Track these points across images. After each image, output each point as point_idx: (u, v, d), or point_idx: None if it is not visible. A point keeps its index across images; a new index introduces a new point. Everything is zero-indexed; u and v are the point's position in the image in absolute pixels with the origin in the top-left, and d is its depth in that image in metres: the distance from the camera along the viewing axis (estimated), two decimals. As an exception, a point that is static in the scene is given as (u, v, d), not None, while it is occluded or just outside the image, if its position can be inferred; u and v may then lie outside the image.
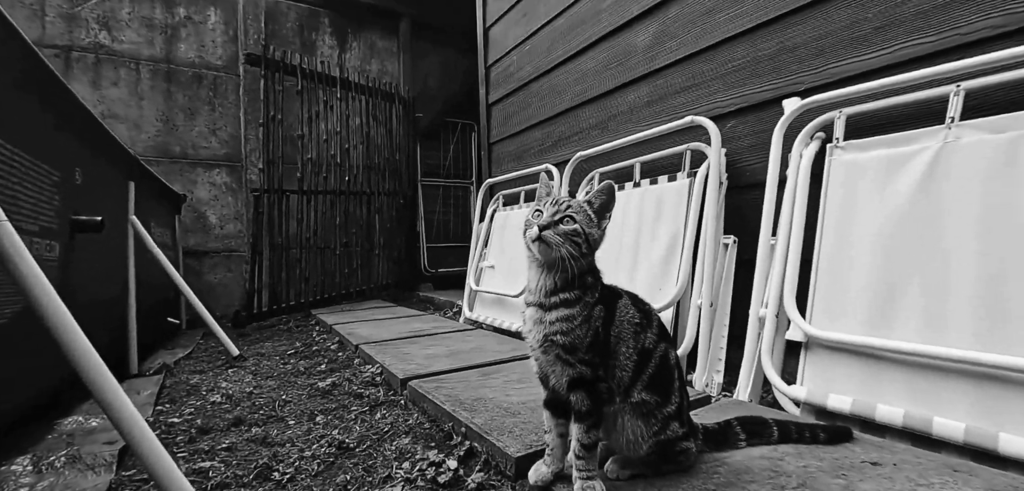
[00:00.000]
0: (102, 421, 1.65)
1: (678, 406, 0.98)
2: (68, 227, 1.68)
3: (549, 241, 0.91)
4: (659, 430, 0.95)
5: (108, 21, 3.95)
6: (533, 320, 0.95)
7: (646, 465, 0.99)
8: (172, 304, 3.43)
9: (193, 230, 4.22)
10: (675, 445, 0.97)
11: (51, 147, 1.54)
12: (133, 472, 1.32)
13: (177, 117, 4.19)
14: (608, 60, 2.51)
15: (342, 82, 4.25)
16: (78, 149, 1.79)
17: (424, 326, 2.84)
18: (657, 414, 0.95)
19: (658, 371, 0.96)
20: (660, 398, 0.96)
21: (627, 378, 0.95)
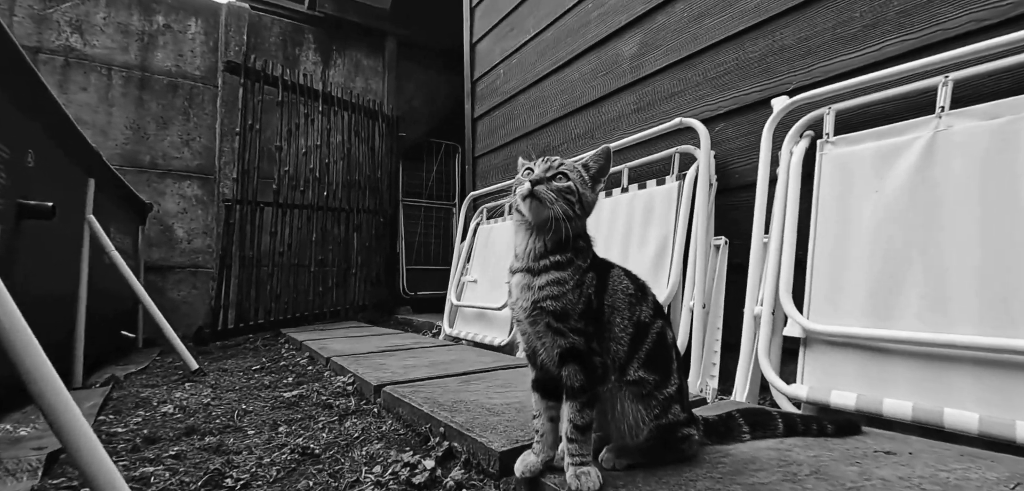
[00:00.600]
0: (33, 430, 1.49)
1: (678, 388, 0.91)
2: (14, 210, 1.55)
3: (542, 197, 0.85)
4: (660, 413, 0.87)
5: (81, 24, 3.86)
6: (520, 286, 0.88)
7: (645, 453, 0.90)
8: (128, 317, 3.23)
9: (158, 244, 4.04)
10: (676, 430, 0.89)
11: (1, 120, 1.43)
12: (62, 480, 1.17)
13: (149, 126, 4.06)
14: (595, 70, 2.52)
15: (324, 96, 4.21)
16: (33, 130, 1.68)
17: (402, 342, 2.72)
18: (657, 395, 0.87)
19: (655, 348, 0.89)
20: (659, 377, 0.88)
21: (623, 353, 0.87)
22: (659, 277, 1.79)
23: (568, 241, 0.86)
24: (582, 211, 0.88)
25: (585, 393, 0.83)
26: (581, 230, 0.90)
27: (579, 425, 0.83)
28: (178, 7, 4.23)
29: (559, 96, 2.74)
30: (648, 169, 2.11)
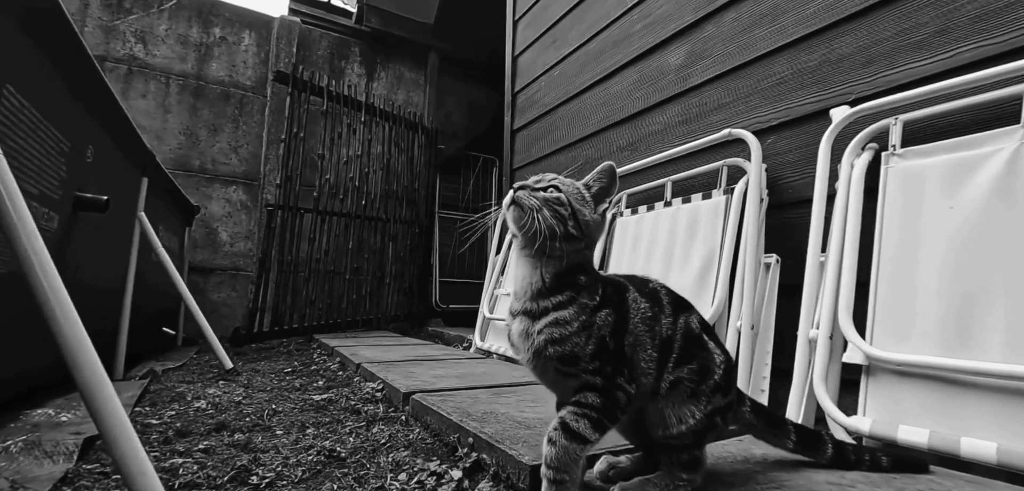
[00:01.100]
0: (73, 416, 1.55)
1: (724, 374, 0.84)
2: (71, 202, 1.64)
3: (522, 202, 0.78)
4: (706, 406, 0.81)
5: (145, 35, 4.13)
6: (520, 334, 0.81)
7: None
8: (170, 315, 3.36)
9: (202, 245, 4.22)
10: (717, 415, 0.83)
11: (64, 114, 1.52)
12: (95, 465, 1.20)
13: (200, 132, 4.28)
14: (639, 81, 2.48)
15: (367, 107, 4.33)
16: (93, 126, 1.78)
17: (432, 353, 2.71)
18: (701, 391, 0.81)
19: (683, 352, 0.82)
20: (696, 377, 0.82)
21: (651, 381, 0.81)
22: (703, 295, 1.71)
23: (570, 273, 0.80)
24: (579, 232, 0.81)
25: (598, 416, 0.76)
26: (582, 260, 0.83)
27: (571, 429, 0.74)
28: (234, 19, 4.47)
29: (600, 108, 2.70)
30: (693, 182, 2.04)
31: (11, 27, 1.13)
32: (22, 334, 1.46)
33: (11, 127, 1.20)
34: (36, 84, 1.32)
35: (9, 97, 1.18)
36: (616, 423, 0.80)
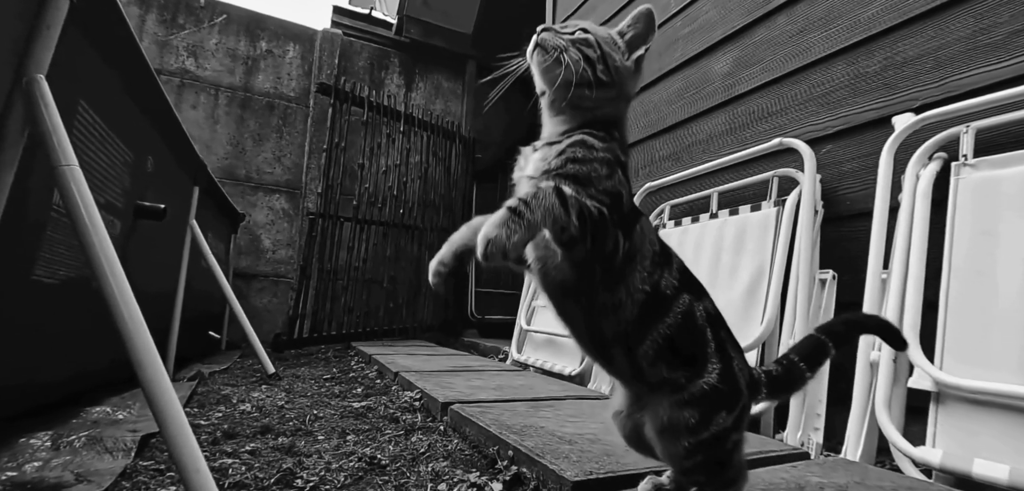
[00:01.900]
0: (128, 414, 1.65)
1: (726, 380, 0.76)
2: (132, 210, 1.76)
3: (547, 43, 0.75)
4: (698, 426, 0.73)
5: (196, 50, 4.39)
6: (536, 161, 0.75)
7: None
8: (215, 319, 3.53)
9: (246, 252, 4.42)
10: (724, 442, 0.74)
11: (128, 127, 1.64)
12: (151, 462, 1.28)
13: (246, 142, 4.50)
14: (683, 89, 2.45)
15: (406, 117, 4.45)
16: (153, 138, 1.91)
17: (468, 364, 2.73)
18: (692, 404, 0.74)
19: (682, 331, 0.75)
20: (689, 373, 0.74)
21: (631, 317, 0.73)
22: (752, 312, 1.66)
23: (596, 123, 0.74)
24: (610, 78, 0.76)
25: (585, 215, 0.66)
26: (615, 115, 0.78)
27: (563, 194, 0.66)
28: (280, 33, 4.69)
29: (642, 118, 2.68)
30: (741, 193, 1.99)
31: (86, 49, 1.23)
32: (83, 335, 1.57)
33: (84, 140, 1.30)
34: (105, 100, 1.43)
35: (83, 112, 1.28)
36: (589, 250, 0.70)
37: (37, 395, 1.44)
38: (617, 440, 0.90)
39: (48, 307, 1.34)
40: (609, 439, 1.24)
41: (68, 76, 1.11)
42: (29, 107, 1.00)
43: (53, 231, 1.27)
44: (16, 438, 1.26)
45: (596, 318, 0.76)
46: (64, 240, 1.32)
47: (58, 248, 1.31)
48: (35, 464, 1.17)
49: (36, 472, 1.14)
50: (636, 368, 0.77)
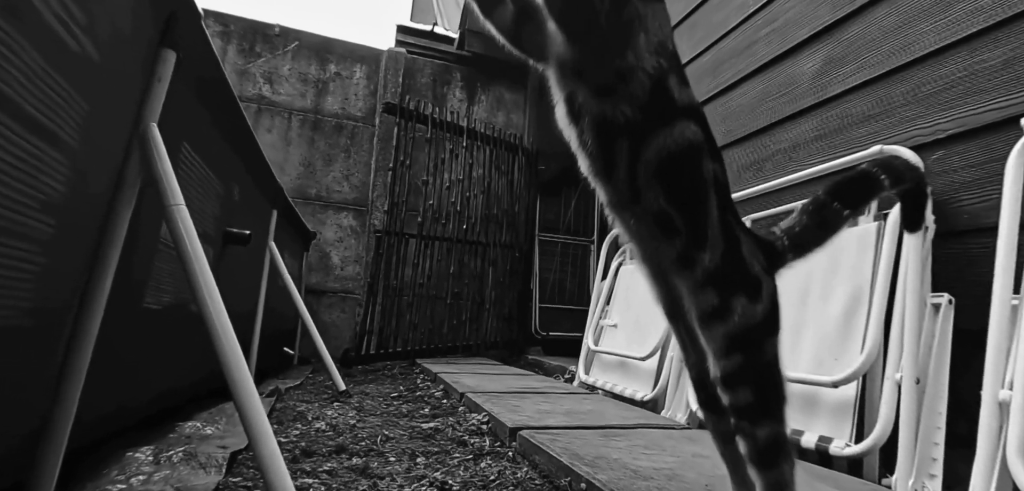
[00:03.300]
0: (215, 429, 1.81)
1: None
2: (221, 237, 1.94)
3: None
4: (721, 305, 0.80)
5: (272, 76, 4.76)
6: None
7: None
8: (287, 336, 3.78)
9: (316, 269, 4.71)
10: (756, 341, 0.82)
11: (219, 160, 1.82)
12: (239, 479, 1.40)
13: (317, 162, 4.81)
14: (764, 93, 2.35)
15: (468, 132, 4.58)
16: (239, 169, 2.10)
17: (535, 385, 2.75)
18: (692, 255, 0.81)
19: (677, 168, 0.82)
20: (687, 222, 0.81)
21: (637, 94, 0.81)
22: (850, 339, 1.56)
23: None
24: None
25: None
26: None
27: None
28: (347, 56, 4.99)
29: (719, 125, 2.60)
30: (834, 207, 1.88)
31: (188, 95, 1.39)
32: (178, 354, 1.75)
33: (185, 177, 1.46)
34: (202, 138, 1.60)
35: (186, 152, 1.44)
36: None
37: (141, 410, 1.62)
38: (696, 478, 0.89)
39: (154, 330, 1.51)
40: (688, 476, 1.21)
41: (174, 121, 1.26)
42: (144, 153, 1.14)
43: (159, 262, 1.43)
44: (123, 452, 1.42)
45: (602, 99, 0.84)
46: (167, 269, 1.48)
47: (162, 276, 1.47)
48: (140, 477, 1.32)
49: (141, 485, 1.28)
50: (634, 186, 0.83)
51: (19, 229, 0.79)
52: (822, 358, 1.59)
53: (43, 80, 0.77)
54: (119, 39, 1.01)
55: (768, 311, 0.84)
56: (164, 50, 1.21)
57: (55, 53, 0.79)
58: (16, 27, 0.69)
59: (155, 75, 1.19)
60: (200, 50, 1.40)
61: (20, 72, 0.71)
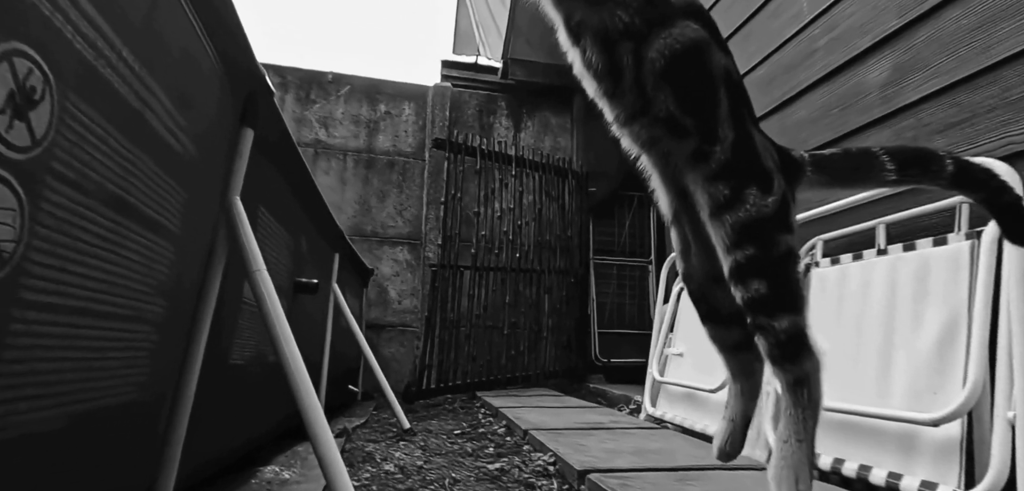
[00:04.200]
0: (293, 474, 1.91)
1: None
2: (292, 288, 2.08)
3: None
4: (730, 197, 0.85)
5: (326, 120, 5.04)
6: None
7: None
8: (352, 372, 3.94)
9: (375, 303, 4.88)
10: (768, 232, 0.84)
11: (289, 216, 1.95)
12: (319, 525, 1.48)
13: (371, 199, 5.03)
14: (827, 105, 2.28)
15: (516, 160, 4.66)
16: (305, 221, 2.24)
17: (599, 418, 2.73)
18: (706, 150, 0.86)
19: (684, 69, 0.85)
20: (698, 123, 0.85)
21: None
22: (949, 373, 1.46)
23: None
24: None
25: None
26: None
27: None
28: (396, 94, 5.22)
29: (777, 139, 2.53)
30: (916, 224, 1.78)
31: (263, 163, 1.51)
32: (256, 403, 1.87)
33: (263, 237, 1.59)
34: (275, 200, 1.73)
35: (263, 215, 1.57)
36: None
37: (226, 459, 1.74)
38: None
39: (238, 383, 1.63)
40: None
41: (251, 189, 1.38)
42: (229, 225, 1.25)
43: (242, 320, 1.55)
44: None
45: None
46: (249, 326, 1.60)
47: (245, 333, 1.59)
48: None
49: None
50: (643, 93, 0.87)
51: (140, 315, 0.89)
52: (919, 392, 1.50)
53: (155, 182, 0.87)
54: (210, 130, 1.12)
55: (780, 205, 0.86)
56: (244, 129, 1.33)
57: (164, 157, 0.90)
58: (137, 142, 0.79)
59: (236, 152, 1.31)
60: (272, 123, 1.52)
61: (139, 180, 0.81)
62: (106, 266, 0.76)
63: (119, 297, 0.82)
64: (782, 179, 0.90)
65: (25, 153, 0.56)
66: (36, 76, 0.56)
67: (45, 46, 0.57)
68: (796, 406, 0.83)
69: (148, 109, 0.81)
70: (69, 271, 0.67)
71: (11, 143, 0.54)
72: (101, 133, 0.70)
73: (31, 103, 0.56)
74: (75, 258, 0.68)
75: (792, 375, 0.82)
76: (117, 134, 0.74)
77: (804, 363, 0.82)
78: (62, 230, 0.65)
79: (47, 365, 0.66)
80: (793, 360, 0.82)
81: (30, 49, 0.54)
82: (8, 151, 0.54)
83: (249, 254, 1.25)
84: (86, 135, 0.66)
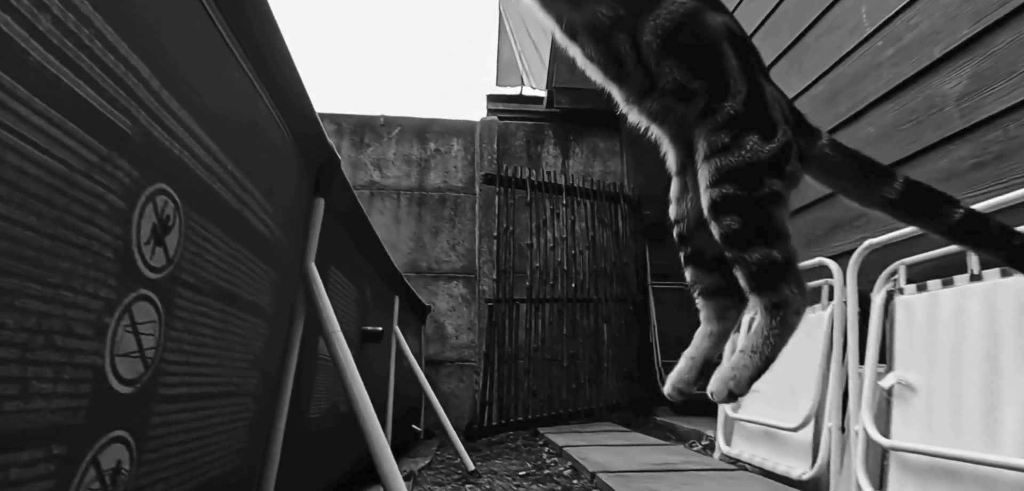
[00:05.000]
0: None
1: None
2: (359, 337, 2.20)
3: None
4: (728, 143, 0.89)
5: (380, 162, 5.29)
6: None
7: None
8: (414, 412, 4.05)
9: (433, 339, 5.01)
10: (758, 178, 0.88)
11: (355, 270, 2.08)
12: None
13: (425, 236, 5.20)
14: (898, 120, 2.19)
15: (567, 189, 4.71)
16: (369, 271, 2.37)
17: (669, 458, 2.69)
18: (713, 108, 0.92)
19: (684, 33, 0.91)
20: (705, 83, 0.92)
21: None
22: (1057, 407, 1.37)
23: None
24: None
25: None
26: None
27: None
28: (444, 132, 5.41)
29: (847, 156, 2.46)
30: (1009, 244, 1.68)
31: (333, 225, 1.63)
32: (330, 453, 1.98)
33: (333, 292, 1.71)
34: (343, 257, 1.85)
35: (334, 274, 1.69)
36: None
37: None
38: None
39: (316, 436, 1.74)
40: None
41: (323, 251, 1.49)
42: (306, 289, 1.37)
43: (318, 375, 1.67)
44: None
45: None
46: (323, 381, 1.72)
47: (320, 388, 1.71)
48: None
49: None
50: (647, 72, 0.92)
51: (240, 388, 1.00)
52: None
53: (251, 268, 0.98)
54: (291, 209, 1.24)
55: (777, 152, 0.90)
56: (317, 199, 1.46)
57: (257, 243, 1.01)
58: (238, 237, 0.90)
59: (310, 222, 1.43)
60: (339, 187, 1.65)
61: (240, 270, 0.92)
62: (217, 352, 0.87)
63: (227, 377, 0.92)
64: (789, 130, 0.95)
65: (161, 272, 0.67)
66: (170, 206, 0.67)
67: (177, 180, 0.67)
68: (766, 326, 0.89)
69: (246, 207, 0.92)
70: (191, 363, 0.78)
71: (153, 266, 0.65)
72: (212, 238, 0.81)
73: (166, 230, 0.66)
74: (195, 350, 0.79)
75: (769, 300, 0.88)
76: (223, 235, 0.84)
77: (782, 290, 0.88)
78: (186, 329, 0.75)
79: (176, 448, 0.76)
80: (770, 288, 0.88)
81: (169, 187, 0.65)
82: (151, 273, 0.64)
83: (325, 317, 1.36)
84: (202, 244, 0.77)
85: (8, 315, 0.43)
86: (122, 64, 0.55)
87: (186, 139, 0.69)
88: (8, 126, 0.42)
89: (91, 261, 0.53)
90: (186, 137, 0.69)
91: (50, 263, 0.47)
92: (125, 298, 0.59)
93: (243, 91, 0.88)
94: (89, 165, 0.51)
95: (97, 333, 0.55)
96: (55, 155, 0.47)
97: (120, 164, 0.56)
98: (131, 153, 0.57)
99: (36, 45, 0.44)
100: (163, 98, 0.63)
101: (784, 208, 0.92)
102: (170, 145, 0.65)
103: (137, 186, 0.59)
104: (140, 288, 0.62)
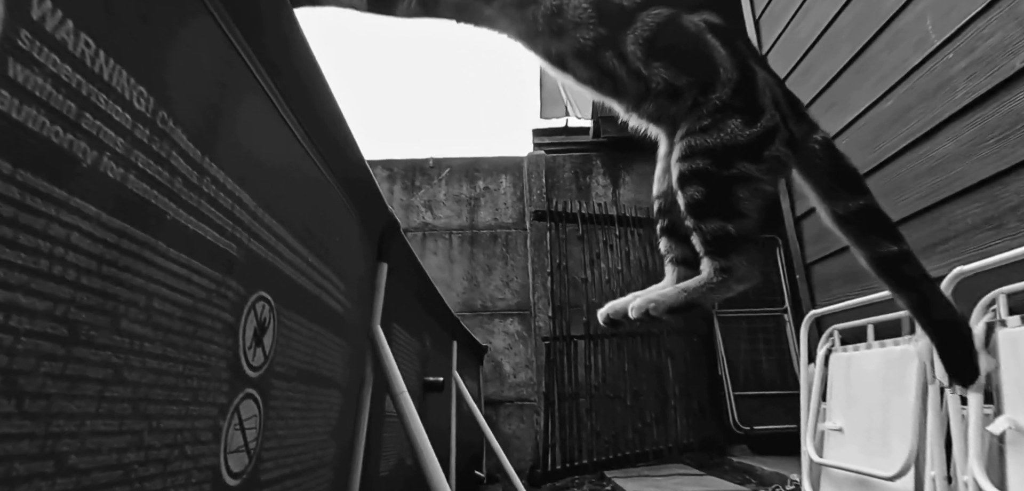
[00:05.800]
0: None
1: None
2: (421, 388, 2.29)
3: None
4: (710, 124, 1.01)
5: (431, 203, 5.47)
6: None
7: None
8: (476, 458, 4.10)
9: (491, 379, 5.08)
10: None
11: (416, 323, 2.18)
12: None
13: (478, 274, 5.31)
14: (981, 134, 2.10)
15: (619, 219, 4.72)
16: (429, 321, 2.47)
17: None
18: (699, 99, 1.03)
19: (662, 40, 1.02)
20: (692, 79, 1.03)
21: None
22: None
23: None
24: None
25: None
26: None
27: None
28: (492, 169, 5.55)
29: (925, 177, 2.35)
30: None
31: (395, 285, 1.74)
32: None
33: (397, 350, 1.80)
34: (405, 312, 1.95)
35: (397, 331, 1.79)
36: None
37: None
38: None
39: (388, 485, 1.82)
40: None
41: (387, 311, 1.59)
42: (373, 352, 1.46)
43: (387, 432, 1.75)
44: None
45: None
46: (391, 437, 1.80)
47: (388, 445, 1.79)
48: None
49: None
50: (639, 77, 1.03)
51: (321, 461, 1.09)
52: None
53: (328, 345, 1.08)
54: (359, 281, 1.35)
55: (758, 137, 0.99)
56: (380, 264, 1.56)
57: (333, 321, 1.10)
58: (317, 319, 1.00)
59: (375, 287, 1.53)
60: (399, 248, 1.75)
61: (319, 349, 1.02)
62: (303, 430, 0.96)
63: (311, 452, 1.01)
64: (778, 115, 1.03)
65: (260, 369, 0.76)
66: (267, 309, 0.76)
67: (271, 284, 0.77)
68: (707, 280, 1.03)
69: (323, 292, 1.02)
70: (284, 445, 0.87)
71: (254, 366, 0.74)
72: (297, 327, 0.90)
73: (264, 330, 0.76)
74: (286, 433, 0.88)
75: (718, 263, 1.01)
76: (306, 322, 0.94)
77: (731, 258, 1.00)
78: (279, 415, 0.84)
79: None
80: (721, 254, 1.00)
81: (266, 293, 0.74)
82: (252, 373, 0.73)
83: (391, 377, 1.44)
84: (289, 334, 0.86)
85: (155, 437, 0.52)
86: (230, 198, 0.65)
87: (277, 246, 0.79)
88: (152, 277, 0.51)
89: (211, 374, 0.62)
90: (277, 244, 0.79)
91: (184, 384, 0.56)
92: (234, 400, 0.68)
93: (319, 185, 0.99)
94: (209, 293, 0.61)
95: (214, 436, 0.64)
96: (184, 292, 0.56)
97: (230, 284, 0.65)
98: (238, 272, 0.67)
99: (170, 204, 0.54)
100: (259, 216, 0.73)
101: (754, 191, 1.01)
102: (266, 255, 0.75)
103: (242, 299, 0.69)
104: (246, 388, 0.71)
